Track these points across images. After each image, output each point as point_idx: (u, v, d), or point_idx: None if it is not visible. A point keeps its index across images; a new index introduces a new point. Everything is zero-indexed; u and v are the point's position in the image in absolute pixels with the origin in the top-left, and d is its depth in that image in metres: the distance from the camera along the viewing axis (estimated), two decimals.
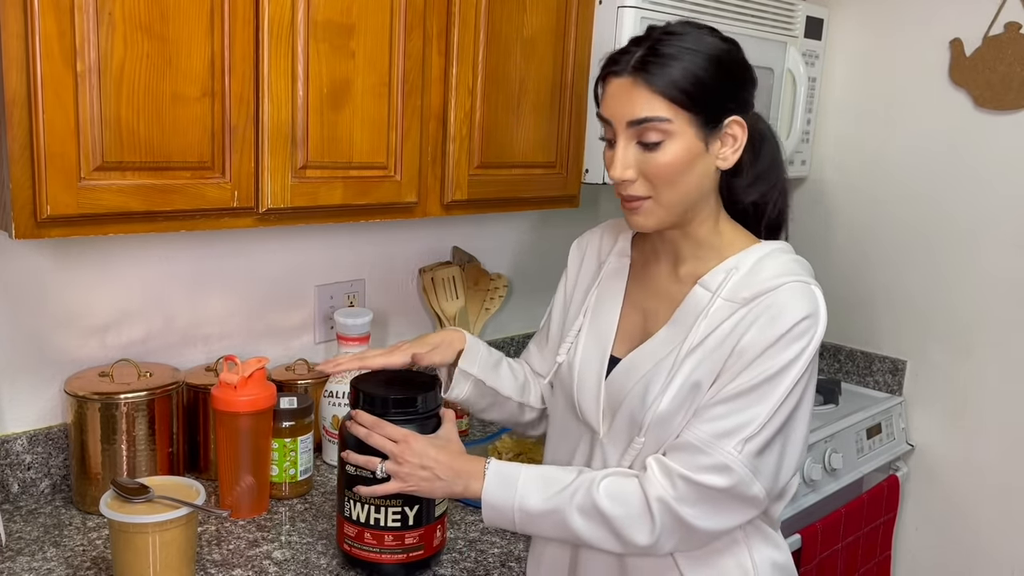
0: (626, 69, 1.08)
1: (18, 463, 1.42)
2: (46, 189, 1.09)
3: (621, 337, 1.20)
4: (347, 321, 1.60)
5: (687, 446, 1.06)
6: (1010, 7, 1.99)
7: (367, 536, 1.20)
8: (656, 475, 1.07)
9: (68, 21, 1.07)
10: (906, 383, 2.25)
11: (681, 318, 1.12)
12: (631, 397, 1.12)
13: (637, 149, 1.08)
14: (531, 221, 2.15)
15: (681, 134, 1.07)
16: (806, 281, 1.08)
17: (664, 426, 1.09)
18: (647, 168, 1.08)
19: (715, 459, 1.04)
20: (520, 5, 1.57)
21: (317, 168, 1.35)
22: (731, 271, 1.11)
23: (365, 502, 1.19)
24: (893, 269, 2.24)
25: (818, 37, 2.18)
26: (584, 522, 1.07)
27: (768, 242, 1.16)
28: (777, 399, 1.05)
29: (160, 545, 1.13)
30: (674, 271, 1.18)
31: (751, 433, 1.04)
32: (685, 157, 1.07)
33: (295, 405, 1.48)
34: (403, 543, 1.20)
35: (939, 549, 2.24)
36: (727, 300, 1.09)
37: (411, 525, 1.20)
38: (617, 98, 1.09)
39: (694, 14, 1.76)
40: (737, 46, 1.12)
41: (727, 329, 1.07)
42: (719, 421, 1.05)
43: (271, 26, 1.25)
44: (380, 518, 1.19)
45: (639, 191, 1.10)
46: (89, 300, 1.48)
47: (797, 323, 1.04)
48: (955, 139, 2.10)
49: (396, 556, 1.20)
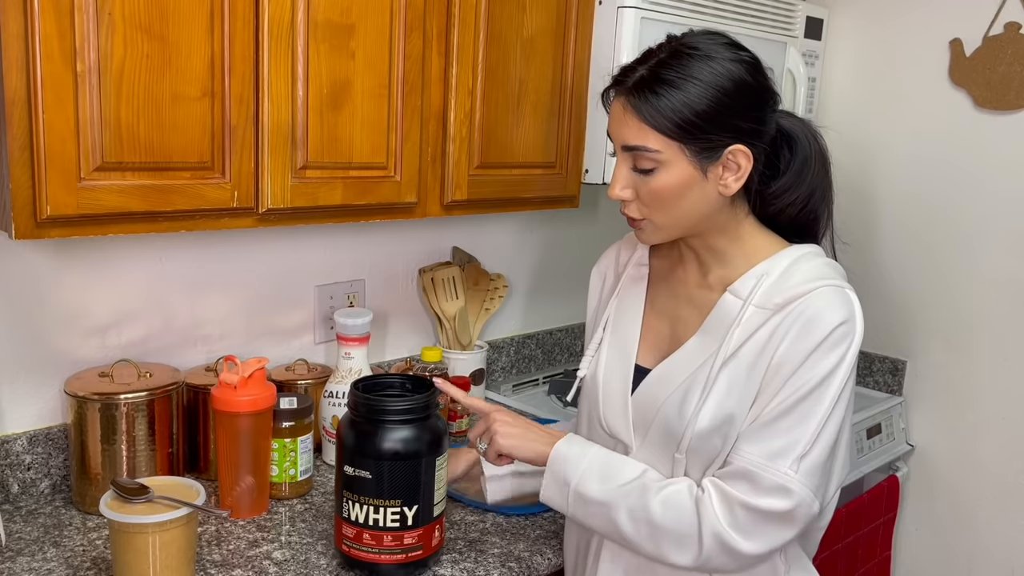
0: (624, 90, 1.06)
1: (18, 463, 1.42)
2: (46, 189, 1.09)
3: (647, 346, 1.17)
4: (347, 321, 1.60)
5: (743, 473, 1.03)
6: (1010, 7, 1.99)
7: (366, 537, 1.20)
8: (714, 503, 1.03)
9: (68, 21, 1.07)
10: (906, 383, 2.25)
11: (712, 326, 1.10)
12: (666, 410, 1.09)
13: (633, 172, 1.07)
14: (531, 221, 2.15)
15: (673, 163, 1.04)
16: (839, 285, 1.06)
17: (704, 442, 1.06)
18: (641, 191, 1.07)
19: (773, 481, 1.01)
20: (520, 5, 1.57)
21: (317, 168, 1.35)
22: (762, 277, 1.08)
23: (364, 504, 1.18)
24: (893, 269, 2.24)
25: (818, 37, 2.18)
26: (632, 525, 1.06)
27: (798, 245, 1.13)
28: (824, 411, 1.01)
29: (160, 545, 1.13)
30: (702, 277, 1.15)
31: (804, 450, 1.01)
32: (678, 185, 1.05)
33: (295, 405, 1.48)
34: (402, 543, 1.20)
35: (939, 549, 2.24)
36: (759, 307, 1.06)
37: (410, 525, 1.20)
38: (614, 120, 1.09)
39: (694, 14, 1.76)
40: (754, 65, 1.07)
41: (762, 339, 1.05)
42: (770, 441, 1.02)
43: (271, 26, 1.25)
44: (379, 519, 1.18)
45: (634, 212, 1.09)
46: (89, 300, 1.48)
47: (833, 330, 1.01)
48: (955, 139, 2.10)
49: (395, 556, 1.20)
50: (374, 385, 1.28)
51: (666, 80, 1.03)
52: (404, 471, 1.18)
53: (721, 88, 1.03)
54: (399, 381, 1.29)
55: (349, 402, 1.22)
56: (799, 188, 1.13)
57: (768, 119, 1.08)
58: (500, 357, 2.12)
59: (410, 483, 1.18)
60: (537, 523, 1.44)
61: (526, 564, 1.33)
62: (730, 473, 1.04)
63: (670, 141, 1.04)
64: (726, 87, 1.03)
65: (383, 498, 1.18)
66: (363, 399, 1.20)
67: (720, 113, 1.03)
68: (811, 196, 1.15)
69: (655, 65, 1.04)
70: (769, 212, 1.14)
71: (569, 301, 2.26)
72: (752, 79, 1.06)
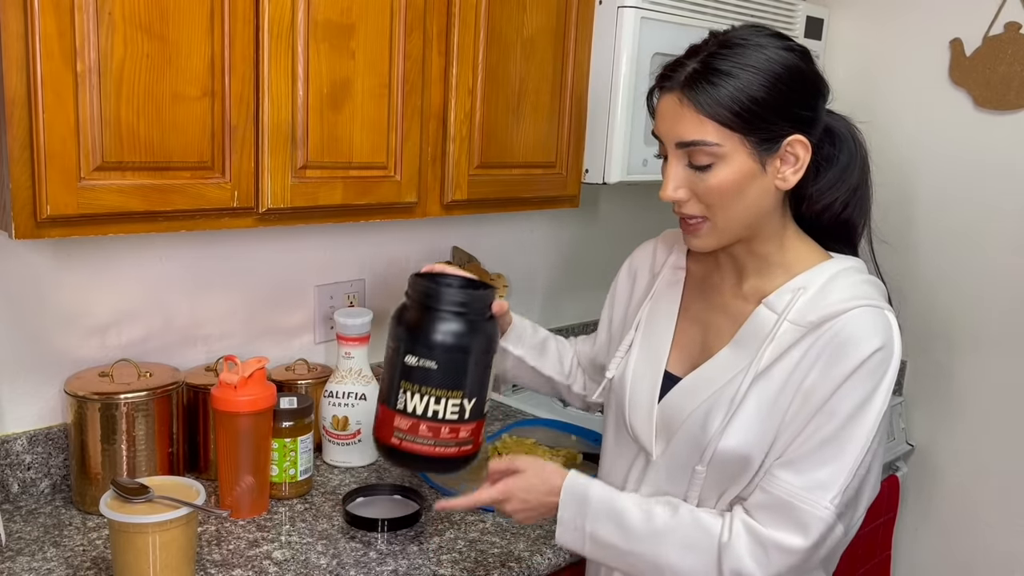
0: (676, 85, 1.02)
1: (18, 463, 1.42)
2: (46, 189, 1.09)
3: (677, 353, 1.15)
4: (347, 321, 1.60)
5: (780, 504, 1.00)
6: (1010, 7, 1.99)
7: (422, 428, 1.13)
8: (743, 546, 1.00)
9: (68, 21, 1.07)
10: (906, 383, 2.25)
11: (744, 339, 1.07)
12: (691, 422, 1.07)
13: (688, 169, 1.04)
14: (531, 221, 2.15)
15: (733, 156, 1.01)
16: (878, 306, 1.02)
17: (727, 459, 1.04)
18: (698, 189, 1.03)
19: (812, 514, 0.98)
20: (520, 5, 1.57)
21: (317, 168, 1.35)
22: (798, 291, 1.05)
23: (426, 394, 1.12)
24: (893, 269, 2.23)
25: (818, 37, 2.18)
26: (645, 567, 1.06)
27: (840, 258, 1.10)
28: (864, 441, 0.98)
29: (160, 545, 1.13)
30: (738, 285, 1.12)
31: (845, 483, 0.98)
32: (738, 179, 1.02)
33: (295, 405, 1.48)
34: (458, 436, 1.14)
35: (939, 549, 2.24)
36: (793, 323, 1.03)
37: (467, 419, 1.14)
38: (666, 117, 1.04)
39: (694, 14, 1.76)
40: (805, 54, 1.05)
41: (795, 359, 1.02)
42: (811, 473, 0.99)
43: (271, 26, 1.25)
44: (439, 410, 1.12)
45: (693, 211, 1.05)
46: (89, 300, 1.48)
47: (870, 356, 0.98)
48: (955, 139, 2.10)
49: (449, 450, 1.14)
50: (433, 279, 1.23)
51: (721, 70, 1.00)
52: (469, 363, 1.13)
53: (777, 75, 1.00)
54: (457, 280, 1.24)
55: (416, 291, 1.16)
56: (841, 187, 1.10)
57: (821, 109, 1.07)
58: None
59: (474, 375, 1.14)
60: (537, 523, 1.44)
61: (526, 564, 1.33)
62: (766, 504, 1.01)
63: (730, 132, 1.00)
64: (781, 74, 1.01)
65: (448, 388, 1.13)
66: (433, 287, 1.15)
67: (778, 100, 1.01)
68: (852, 195, 1.12)
69: (707, 57, 1.02)
70: (812, 211, 1.12)
71: (569, 301, 2.26)
72: (805, 66, 1.04)
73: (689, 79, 1.01)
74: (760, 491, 1.03)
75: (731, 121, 1.00)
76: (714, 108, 1.00)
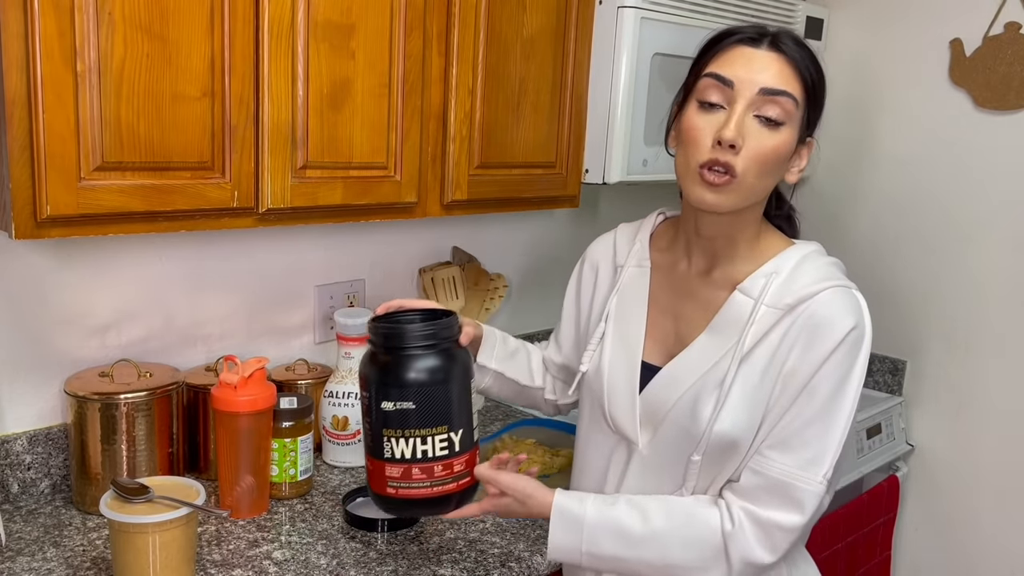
0: (762, 42, 1.05)
1: (18, 463, 1.42)
2: (46, 189, 1.09)
3: (651, 343, 1.16)
4: (347, 321, 1.60)
5: (778, 486, 1.03)
6: (1010, 7, 1.99)
7: (415, 471, 1.13)
8: (748, 533, 1.03)
9: (68, 21, 1.07)
10: (906, 383, 2.25)
11: (721, 325, 1.09)
12: (678, 411, 1.08)
13: (754, 123, 1.03)
14: (531, 221, 2.15)
15: (793, 126, 1.04)
16: (847, 286, 1.06)
17: (722, 445, 1.06)
18: (752, 144, 1.02)
19: (806, 489, 1.02)
20: (520, 5, 1.57)
21: (317, 168, 1.35)
22: (771, 276, 1.08)
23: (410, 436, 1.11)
24: (893, 269, 2.24)
25: (818, 37, 2.18)
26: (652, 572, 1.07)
27: (802, 243, 1.13)
28: (846, 416, 1.03)
29: (160, 545, 1.13)
30: (706, 273, 1.14)
31: (834, 457, 1.03)
32: (786, 151, 1.05)
33: (295, 405, 1.48)
34: (453, 471, 1.14)
35: (939, 549, 2.24)
36: (770, 307, 1.06)
37: (458, 451, 1.14)
38: (754, 63, 1.03)
39: (694, 14, 1.77)
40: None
41: (774, 341, 1.05)
42: (801, 451, 1.03)
43: (271, 26, 1.25)
44: (428, 449, 1.12)
45: (735, 162, 1.02)
46: (89, 300, 1.48)
47: (845, 336, 1.02)
48: (955, 139, 2.10)
49: (447, 487, 1.14)
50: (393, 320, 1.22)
51: (800, 43, 1.05)
52: (446, 395, 1.13)
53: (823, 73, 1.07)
54: (417, 316, 1.24)
55: (377, 336, 1.15)
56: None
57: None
58: None
59: (454, 407, 1.13)
60: (537, 523, 1.44)
61: (526, 564, 1.33)
62: (764, 487, 1.04)
63: (803, 101, 1.05)
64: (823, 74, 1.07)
65: (430, 426, 1.12)
66: (395, 328, 1.14)
67: (824, 92, 1.07)
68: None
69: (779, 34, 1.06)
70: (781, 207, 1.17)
71: None
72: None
73: (778, 42, 1.04)
74: (753, 474, 1.05)
75: (809, 89, 1.04)
76: (805, 70, 1.04)
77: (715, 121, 1.03)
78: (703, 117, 1.04)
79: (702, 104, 1.05)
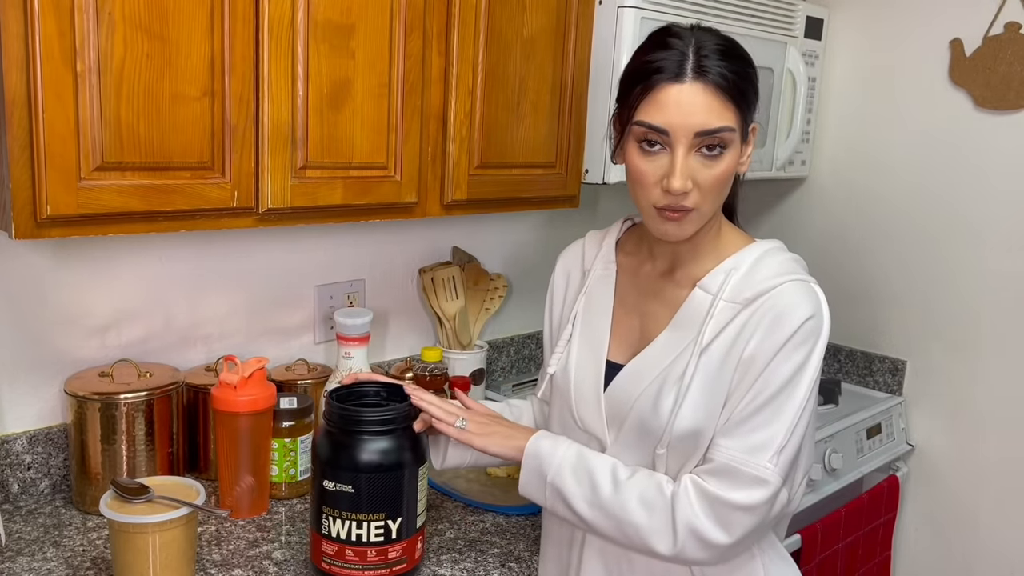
0: (686, 75, 1.01)
1: (18, 463, 1.42)
2: (46, 189, 1.09)
3: (617, 343, 1.17)
4: (347, 321, 1.60)
5: (724, 469, 1.04)
6: (1010, 7, 1.99)
7: (348, 553, 1.15)
8: (692, 499, 1.04)
9: (68, 21, 1.07)
10: (906, 383, 2.25)
11: (682, 322, 1.11)
12: (640, 405, 1.10)
13: (696, 159, 1.03)
14: (531, 221, 2.15)
15: (736, 142, 1.05)
16: (805, 279, 1.08)
17: (684, 437, 1.07)
18: (701, 178, 1.03)
19: (753, 475, 1.02)
20: (520, 5, 1.57)
21: (317, 168, 1.35)
22: (730, 272, 1.09)
23: (346, 519, 1.14)
24: (893, 269, 2.24)
25: (818, 37, 2.18)
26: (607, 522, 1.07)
27: (762, 241, 1.15)
28: (799, 404, 1.03)
29: (160, 545, 1.13)
30: (670, 273, 1.15)
31: (782, 443, 1.03)
32: (733, 165, 1.06)
33: (295, 405, 1.48)
34: (386, 558, 1.16)
35: (939, 549, 2.24)
36: (729, 301, 1.08)
37: (394, 539, 1.16)
38: (683, 105, 1.01)
39: (694, 14, 1.76)
40: None
41: (732, 334, 1.06)
42: (748, 436, 1.03)
43: (271, 26, 1.25)
44: (362, 533, 1.14)
45: (692, 202, 1.04)
46: (89, 300, 1.48)
47: (802, 324, 1.03)
48: (955, 139, 2.10)
49: (379, 572, 1.17)
50: (349, 394, 1.23)
51: (721, 52, 1.03)
52: (387, 483, 1.14)
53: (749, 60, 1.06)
54: (374, 390, 1.25)
55: (325, 414, 1.17)
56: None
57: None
58: (500, 357, 2.12)
59: (394, 495, 1.15)
60: (537, 523, 1.44)
61: (526, 564, 1.33)
62: (711, 470, 1.05)
63: (738, 115, 1.03)
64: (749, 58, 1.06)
65: (366, 512, 1.14)
66: (341, 410, 1.15)
67: (755, 80, 1.06)
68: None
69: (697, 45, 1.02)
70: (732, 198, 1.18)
71: None
72: None
73: (699, 67, 1.01)
74: (705, 459, 1.07)
75: (740, 103, 1.03)
76: (734, 88, 1.02)
77: (659, 165, 1.04)
78: (646, 160, 1.05)
79: (641, 145, 1.05)
